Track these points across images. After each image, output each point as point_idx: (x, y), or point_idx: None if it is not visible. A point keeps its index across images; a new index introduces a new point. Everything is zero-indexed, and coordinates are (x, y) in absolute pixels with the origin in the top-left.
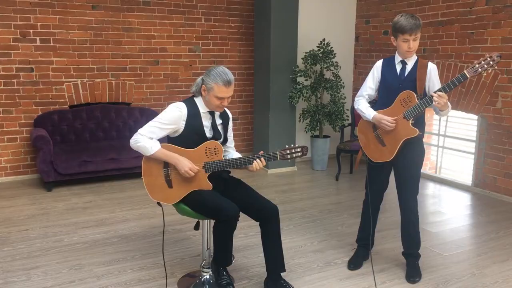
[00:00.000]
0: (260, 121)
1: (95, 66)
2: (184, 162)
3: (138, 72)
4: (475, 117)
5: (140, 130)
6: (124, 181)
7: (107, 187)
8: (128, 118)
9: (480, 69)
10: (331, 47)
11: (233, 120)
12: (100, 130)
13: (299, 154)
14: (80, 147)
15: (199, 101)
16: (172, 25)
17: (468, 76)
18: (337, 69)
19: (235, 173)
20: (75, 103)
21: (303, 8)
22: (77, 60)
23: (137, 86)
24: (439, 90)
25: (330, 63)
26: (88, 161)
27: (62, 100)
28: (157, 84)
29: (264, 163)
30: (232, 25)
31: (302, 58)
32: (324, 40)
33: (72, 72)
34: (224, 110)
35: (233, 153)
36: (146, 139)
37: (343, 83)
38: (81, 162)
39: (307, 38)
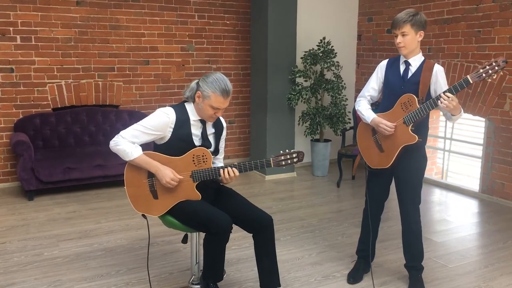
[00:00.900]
0: (257, 124)
1: (80, 66)
2: (165, 172)
3: (127, 72)
4: (483, 119)
5: (122, 132)
6: (112, 189)
7: (93, 196)
8: (116, 121)
9: (484, 75)
10: (332, 46)
11: (229, 123)
12: (85, 134)
13: (295, 160)
14: (64, 153)
15: (190, 107)
16: (163, 22)
17: (471, 82)
18: (338, 69)
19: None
20: (59, 106)
21: (302, 5)
22: (60, 60)
23: (126, 87)
24: (449, 90)
25: (331, 63)
26: (73, 168)
27: (45, 102)
28: (148, 85)
29: (237, 174)
30: (228, 22)
31: (302, 58)
32: (324, 38)
33: (55, 73)
34: (219, 119)
35: (219, 164)
36: (127, 142)
37: (344, 84)
38: (65, 169)
39: (307, 37)
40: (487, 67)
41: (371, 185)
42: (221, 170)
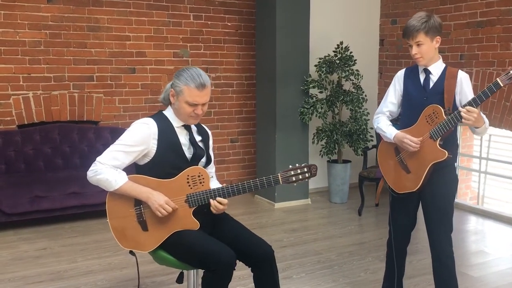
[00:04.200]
0: (265, 143)
1: (51, 75)
2: (158, 197)
3: (109, 82)
4: None
5: (99, 158)
6: (89, 222)
7: (67, 230)
8: (96, 141)
9: None
10: (351, 52)
11: (231, 142)
12: (58, 156)
13: (307, 175)
14: (32, 178)
15: (169, 113)
16: (152, 24)
17: (502, 85)
18: (358, 79)
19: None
20: (26, 122)
21: (316, 4)
22: (28, 68)
23: (107, 100)
24: (468, 103)
25: (350, 71)
26: (42, 197)
27: (8, 118)
28: (133, 98)
29: (226, 203)
30: (229, 24)
31: (316, 66)
32: (342, 43)
33: (21, 83)
34: (202, 126)
35: (215, 183)
36: (109, 169)
37: (365, 95)
38: (33, 198)
39: (322, 41)
40: None
41: (395, 212)
42: (212, 202)
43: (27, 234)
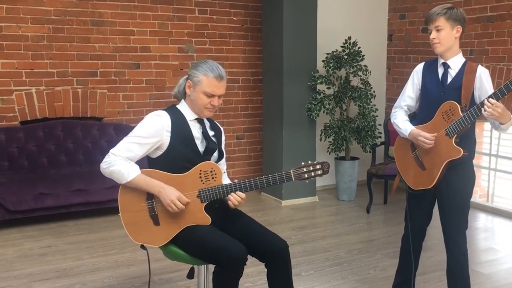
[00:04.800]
0: (271, 140)
1: (55, 70)
2: (170, 191)
3: (113, 78)
4: None
5: (113, 150)
6: (95, 219)
7: (72, 228)
8: (100, 137)
9: None
10: (359, 48)
11: (236, 139)
12: (62, 153)
13: (319, 172)
14: (36, 175)
15: (183, 107)
16: (157, 18)
17: None
18: (366, 75)
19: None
20: (28, 119)
21: None
22: (30, 63)
23: (111, 96)
24: (491, 96)
25: (358, 67)
26: (46, 194)
27: (11, 114)
28: (138, 94)
29: (244, 197)
30: (234, 18)
31: (323, 61)
32: (350, 38)
33: (24, 78)
34: (215, 122)
35: (226, 180)
36: (122, 161)
37: (373, 91)
38: (37, 195)
39: (329, 36)
40: None
41: (411, 208)
42: (231, 196)
43: (31, 232)
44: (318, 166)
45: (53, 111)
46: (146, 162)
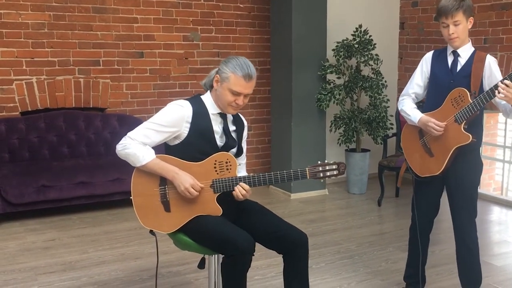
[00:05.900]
0: (280, 131)
1: (56, 59)
2: (184, 177)
3: (116, 67)
4: None
5: (130, 134)
6: (98, 212)
7: (75, 221)
8: (103, 128)
9: None
10: (370, 36)
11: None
12: (64, 144)
13: (335, 172)
14: (37, 167)
15: (207, 99)
16: (161, 5)
17: None
18: (377, 64)
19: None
20: (29, 109)
21: None
22: (31, 51)
23: (114, 86)
24: (506, 78)
25: (369, 56)
26: (49, 186)
27: (11, 104)
28: (142, 83)
29: (248, 189)
30: (241, 6)
31: (333, 50)
32: (360, 26)
33: (24, 67)
34: (239, 116)
35: (242, 172)
36: (138, 144)
37: (385, 81)
38: (39, 188)
39: (339, 24)
40: None
41: (418, 197)
42: (236, 187)
43: (34, 225)
44: (334, 166)
45: (55, 101)
46: (163, 148)
